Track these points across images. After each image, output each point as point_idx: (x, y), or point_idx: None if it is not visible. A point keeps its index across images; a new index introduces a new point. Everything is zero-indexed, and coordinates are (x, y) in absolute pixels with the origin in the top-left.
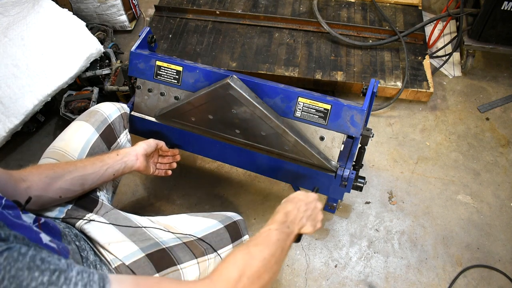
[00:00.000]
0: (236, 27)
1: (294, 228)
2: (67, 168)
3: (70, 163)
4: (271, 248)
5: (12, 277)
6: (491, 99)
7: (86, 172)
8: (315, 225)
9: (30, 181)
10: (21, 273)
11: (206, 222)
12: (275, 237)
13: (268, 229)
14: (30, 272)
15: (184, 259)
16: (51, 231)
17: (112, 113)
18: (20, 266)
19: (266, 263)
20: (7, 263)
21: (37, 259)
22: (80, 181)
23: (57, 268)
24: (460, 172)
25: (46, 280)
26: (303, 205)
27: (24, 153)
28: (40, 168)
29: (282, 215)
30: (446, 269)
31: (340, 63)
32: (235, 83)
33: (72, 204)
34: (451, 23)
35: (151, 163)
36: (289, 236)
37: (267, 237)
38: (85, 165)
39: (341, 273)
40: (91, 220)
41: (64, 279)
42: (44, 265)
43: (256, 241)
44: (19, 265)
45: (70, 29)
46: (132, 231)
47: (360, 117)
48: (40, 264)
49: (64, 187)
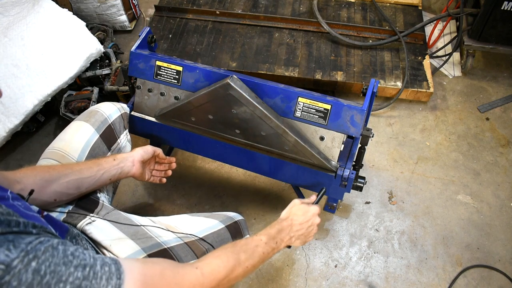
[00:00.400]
0: (236, 27)
1: (281, 244)
2: (63, 171)
3: (66, 166)
4: (255, 259)
5: (53, 272)
6: (491, 99)
7: (82, 176)
8: (305, 240)
9: (25, 183)
10: (59, 269)
11: (207, 222)
12: (262, 250)
13: (259, 239)
14: (67, 268)
15: (186, 259)
16: (55, 225)
17: (112, 113)
18: (57, 261)
19: (247, 271)
20: (45, 258)
21: (69, 254)
22: (75, 185)
23: (86, 263)
24: (460, 172)
25: (80, 275)
26: (297, 224)
27: (24, 153)
28: (35, 170)
29: (275, 231)
30: (446, 269)
31: (340, 63)
32: (235, 83)
33: (72, 205)
34: (451, 23)
35: (147, 169)
36: (274, 250)
37: (255, 248)
38: (81, 168)
39: (341, 273)
40: (93, 220)
41: (93, 274)
42: (75, 260)
43: (246, 248)
44: (56, 260)
45: (70, 29)
46: (134, 231)
47: (360, 117)
48: (72, 259)
49: (59, 190)
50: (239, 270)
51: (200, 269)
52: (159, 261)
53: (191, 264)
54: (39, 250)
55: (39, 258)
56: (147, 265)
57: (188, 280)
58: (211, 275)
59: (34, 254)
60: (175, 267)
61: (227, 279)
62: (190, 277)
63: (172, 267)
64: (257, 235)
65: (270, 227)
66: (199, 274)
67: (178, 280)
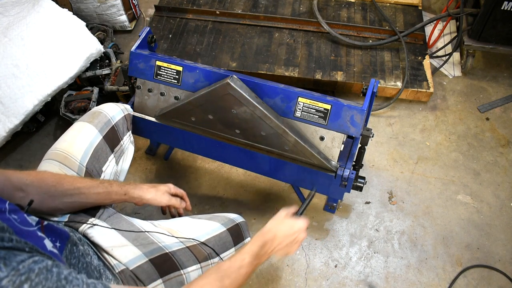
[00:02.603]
0: (236, 27)
1: (263, 258)
2: (69, 190)
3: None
4: (239, 280)
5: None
6: (491, 99)
7: (87, 201)
8: (287, 253)
9: (28, 192)
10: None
11: (209, 225)
12: (245, 270)
13: (242, 259)
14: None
15: (188, 264)
16: (55, 234)
17: (115, 114)
18: (50, 285)
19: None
20: (38, 281)
21: (62, 278)
22: (79, 206)
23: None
24: (460, 172)
25: None
26: (280, 237)
27: (24, 153)
28: (43, 181)
29: (257, 247)
30: (446, 269)
31: (340, 63)
32: (235, 83)
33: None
34: (451, 23)
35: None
36: (257, 265)
37: (239, 270)
38: (90, 193)
39: (341, 273)
40: (94, 224)
41: None
42: (68, 285)
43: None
44: (49, 284)
45: (70, 29)
46: (135, 235)
47: (360, 117)
48: (65, 284)
49: (61, 207)
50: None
51: None
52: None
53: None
54: (32, 271)
55: (32, 280)
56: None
57: None
58: None
59: (27, 276)
60: None
61: None
62: None
63: None
64: (240, 253)
65: (252, 243)
66: None
67: None
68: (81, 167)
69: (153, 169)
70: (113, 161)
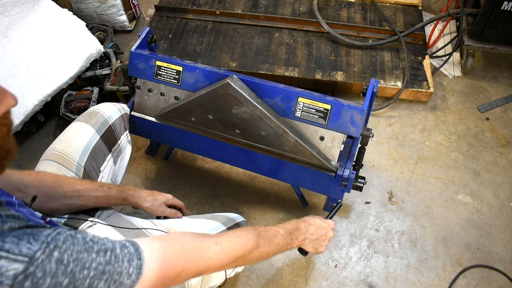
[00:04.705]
0: (236, 27)
1: (295, 242)
2: (68, 192)
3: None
4: (271, 247)
5: (75, 260)
6: (491, 99)
7: (86, 204)
8: (317, 248)
9: (27, 193)
10: (81, 256)
11: (209, 224)
12: (278, 240)
13: (277, 230)
14: (89, 254)
15: None
16: None
17: (112, 114)
18: (79, 248)
19: (261, 257)
20: (66, 247)
21: (88, 241)
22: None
23: (107, 247)
24: (460, 172)
25: (103, 260)
26: (313, 229)
27: (24, 153)
28: (43, 182)
29: (292, 228)
30: (446, 269)
31: (340, 63)
32: (235, 83)
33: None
34: (451, 23)
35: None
36: (287, 246)
37: (274, 237)
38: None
39: (341, 273)
40: (94, 223)
41: (114, 258)
42: (96, 245)
43: (265, 234)
44: (77, 248)
45: (70, 29)
46: (135, 234)
47: (360, 117)
48: (92, 245)
49: (59, 208)
50: (255, 253)
51: (219, 244)
52: (178, 237)
53: (211, 239)
54: (59, 240)
55: (60, 247)
56: (166, 242)
57: (207, 255)
58: (230, 252)
59: (55, 244)
60: (195, 242)
61: (242, 259)
62: (209, 252)
63: (192, 243)
64: (275, 227)
65: (288, 223)
66: (218, 250)
67: (197, 256)
68: (79, 167)
69: (153, 169)
70: (111, 160)
